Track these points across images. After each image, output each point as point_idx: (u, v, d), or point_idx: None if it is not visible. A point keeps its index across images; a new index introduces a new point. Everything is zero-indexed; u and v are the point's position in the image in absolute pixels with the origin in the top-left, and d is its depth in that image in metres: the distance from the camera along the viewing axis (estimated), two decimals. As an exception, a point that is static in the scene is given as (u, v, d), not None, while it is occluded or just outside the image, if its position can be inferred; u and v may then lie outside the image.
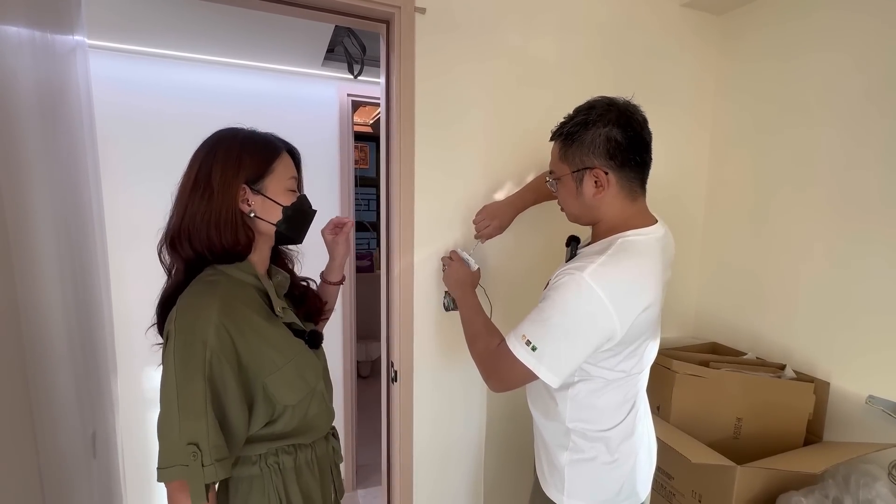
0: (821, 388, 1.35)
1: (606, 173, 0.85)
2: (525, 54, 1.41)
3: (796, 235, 1.45)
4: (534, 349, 0.82)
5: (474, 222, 1.30)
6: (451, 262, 1.20)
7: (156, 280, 0.80)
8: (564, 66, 1.46)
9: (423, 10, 1.28)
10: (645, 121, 0.88)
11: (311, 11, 1.26)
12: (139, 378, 1.90)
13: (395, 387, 1.41)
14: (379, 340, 3.60)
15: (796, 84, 1.44)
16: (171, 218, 0.79)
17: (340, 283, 1.13)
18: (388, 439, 1.51)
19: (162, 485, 0.70)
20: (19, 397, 0.68)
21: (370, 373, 3.81)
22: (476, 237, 1.31)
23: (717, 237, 1.73)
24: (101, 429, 1.12)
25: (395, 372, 1.40)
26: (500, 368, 0.89)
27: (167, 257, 0.81)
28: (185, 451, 0.69)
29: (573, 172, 0.88)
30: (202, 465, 0.69)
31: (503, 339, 0.89)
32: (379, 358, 3.71)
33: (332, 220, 1.08)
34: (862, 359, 1.29)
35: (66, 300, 0.90)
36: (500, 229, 1.28)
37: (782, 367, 1.42)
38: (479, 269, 1.22)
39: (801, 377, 1.39)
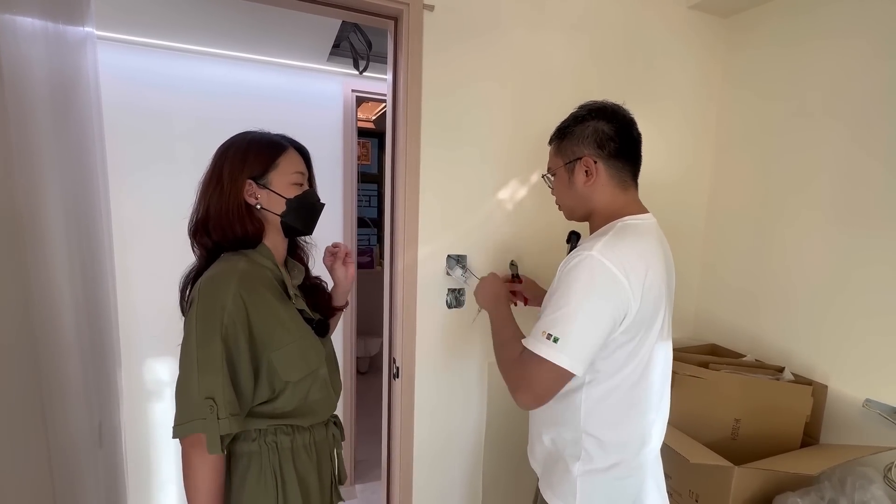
0: (819, 391, 1.36)
1: (595, 162, 0.91)
2: (532, 54, 1.41)
3: (797, 239, 1.46)
4: (555, 341, 0.81)
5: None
6: (485, 277, 1.18)
7: (158, 275, 0.84)
8: (571, 66, 1.47)
9: (431, 8, 1.28)
10: (633, 121, 0.93)
11: (320, 7, 1.25)
12: (140, 372, 1.90)
13: (397, 383, 1.42)
14: (377, 336, 3.63)
15: (801, 86, 1.45)
16: (194, 211, 0.88)
17: (343, 308, 1.14)
18: (388, 435, 1.52)
19: (161, 479, 0.73)
20: (31, 386, 0.69)
21: (368, 369, 3.82)
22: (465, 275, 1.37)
23: (718, 239, 1.74)
24: (108, 420, 1.13)
25: (397, 368, 1.40)
26: (527, 375, 0.85)
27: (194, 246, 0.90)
28: (203, 405, 0.75)
29: (566, 164, 0.95)
30: (218, 418, 0.75)
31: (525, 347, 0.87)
32: (377, 354, 3.75)
33: (326, 248, 1.12)
34: (860, 362, 1.31)
35: (75, 292, 0.91)
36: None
37: (781, 370, 1.44)
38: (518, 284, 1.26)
39: (800, 380, 1.40)
